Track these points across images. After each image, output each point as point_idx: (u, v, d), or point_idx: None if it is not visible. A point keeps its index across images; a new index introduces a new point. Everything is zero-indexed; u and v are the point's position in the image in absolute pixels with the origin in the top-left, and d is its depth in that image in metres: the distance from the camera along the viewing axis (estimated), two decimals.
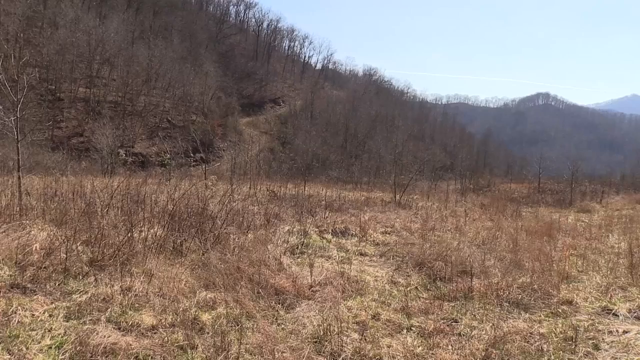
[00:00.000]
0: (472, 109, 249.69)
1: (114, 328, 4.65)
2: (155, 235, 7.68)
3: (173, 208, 8.60)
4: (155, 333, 4.66)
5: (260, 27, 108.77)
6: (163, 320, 4.89)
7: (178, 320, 4.89)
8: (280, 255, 7.81)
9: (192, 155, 56.62)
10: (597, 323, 5.86)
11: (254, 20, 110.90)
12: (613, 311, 6.38)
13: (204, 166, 39.94)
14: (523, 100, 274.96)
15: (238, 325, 4.95)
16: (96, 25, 56.87)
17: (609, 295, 7.05)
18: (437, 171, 46.04)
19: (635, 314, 6.35)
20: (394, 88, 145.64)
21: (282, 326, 5.19)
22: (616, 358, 4.84)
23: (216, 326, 4.89)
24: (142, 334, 4.64)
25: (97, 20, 58.96)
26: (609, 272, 8.61)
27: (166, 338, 4.52)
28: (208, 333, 4.78)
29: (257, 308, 5.53)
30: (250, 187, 18.55)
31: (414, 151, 63.70)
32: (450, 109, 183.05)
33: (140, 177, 15.87)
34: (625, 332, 5.55)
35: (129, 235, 7.02)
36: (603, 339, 5.38)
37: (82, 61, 55.32)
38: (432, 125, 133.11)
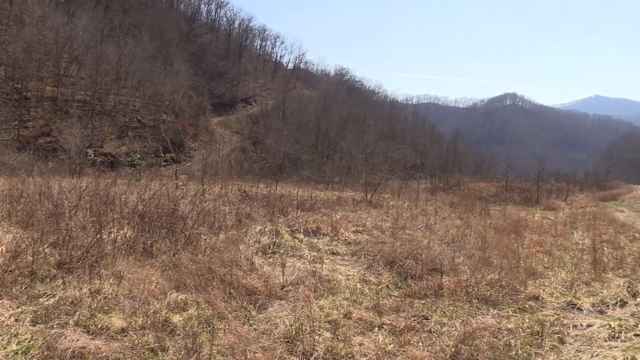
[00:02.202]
0: (442, 109, 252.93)
1: (82, 332, 4.58)
2: (125, 237, 7.58)
3: (143, 209, 8.49)
4: (125, 336, 4.60)
5: (231, 27, 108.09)
6: (133, 323, 4.83)
7: (148, 322, 4.84)
8: (252, 256, 7.79)
9: (162, 155, 55.83)
10: (563, 317, 6.02)
11: (225, 19, 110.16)
12: (577, 306, 6.58)
13: (174, 166, 39.51)
14: (491, 100, 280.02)
15: (209, 327, 4.93)
16: (64, 22, 55.44)
17: (574, 290, 7.27)
18: (408, 170, 46.57)
19: (599, 308, 6.56)
20: (365, 88, 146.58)
21: (254, 326, 5.19)
22: (580, 351, 4.98)
23: (187, 328, 4.86)
24: (112, 337, 4.57)
25: (65, 18, 57.46)
26: (573, 267, 8.86)
27: (136, 341, 4.47)
28: (179, 335, 4.74)
29: (228, 309, 5.51)
30: (221, 187, 18.40)
31: (385, 150, 64.02)
32: (421, 109, 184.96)
33: (110, 178, 15.62)
34: (589, 325, 5.73)
35: (98, 236, 6.91)
36: (568, 332, 5.54)
37: (50, 59, 53.96)
38: (403, 125, 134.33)
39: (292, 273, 7.07)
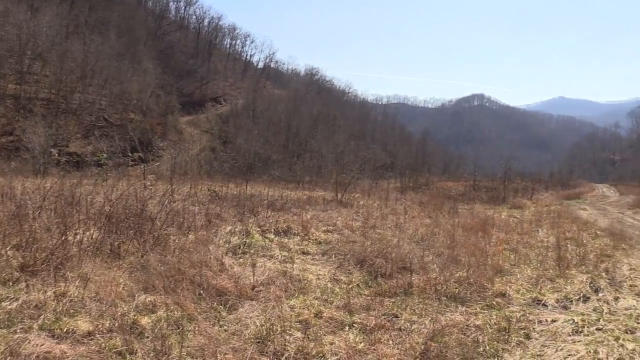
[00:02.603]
0: (411, 109, 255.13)
1: (47, 336, 4.47)
2: (92, 238, 7.43)
3: (110, 209, 8.33)
4: (91, 339, 4.51)
5: (200, 25, 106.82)
6: (100, 326, 4.74)
7: (116, 325, 4.75)
8: (222, 256, 7.73)
9: (130, 154, 54.78)
10: (528, 313, 6.16)
11: (194, 17, 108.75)
12: (542, 302, 6.76)
13: (142, 166, 38.85)
14: (459, 101, 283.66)
15: (179, 328, 4.87)
16: (27, 18, 53.91)
17: (539, 287, 7.46)
18: (378, 170, 46.88)
19: (562, 303, 6.74)
20: (335, 88, 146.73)
21: (225, 327, 5.15)
22: (545, 346, 5.11)
23: (156, 330, 4.78)
24: (78, 340, 4.48)
25: (29, 14, 55.87)
26: (538, 264, 9.08)
27: (103, 344, 4.39)
28: (148, 337, 4.67)
29: (198, 310, 5.45)
30: (190, 187, 18.19)
31: (355, 150, 64.29)
32: (390, 109, 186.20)
33: (75, 178, 15.27)
34: (553, 321, 5.88)
35: (63, 238, 6.74)
36: (533, 328, 5.67)
37: (12, 56, 52.42)
38: (373, 125, 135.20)
39: (262, 273, 7.04)
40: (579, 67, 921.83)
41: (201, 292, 5.96)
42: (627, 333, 5.44)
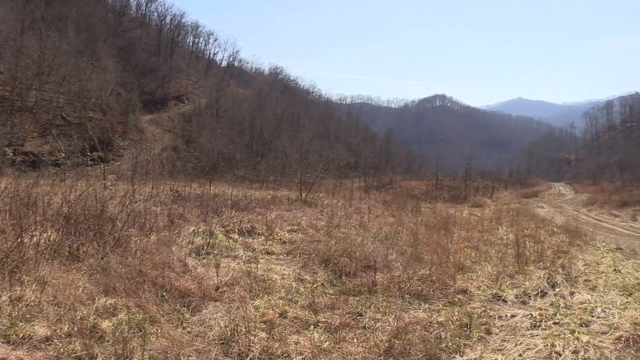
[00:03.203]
0: (375, 108, 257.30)
1: (2, 342, 4.32)
2: (49, 240, 7.20)
3: (68, 210, 8.10)
4: (49, 345, 4.38)
5: (163, 22, 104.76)
6: (58, 331, 4.60)
7: (75, 329, 4.62)
8: (185, 257, 7.63)
9: (89, 154, 53.31)
10: (489, 309, 6.31)
11: (156, 14, 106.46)
12: (502, 297, 6.93)
13: (102, 165, 37.84)
14: (422, 101, 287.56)
15: (141, 331, 4.78)
16: None
17: (499, 283, 7.65)
18: (342, 169, 47.09)
19: (521, 299, 6.94)
20: (299, 87, 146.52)
21: (188, 329, 5.08)
22: (505, 340, 5.24)
23: (117, 333, 4.68)
24: (35, 346, 4.34)
25: None
26: (498, 261, 9.30)
27: (62, 349, 4.27)
28: (108, 341, 4.56)
29: (161, 312, 5.36)
30: (153, 187, 17.87)
31: (320, 150, 64.54)
32: (354, 109, 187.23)
33: (32, 178, 14.79)
34: (513, 316, 6.04)
35: (19, 240, 6.52)
36: (494, 323, 5.81)
37: None
38: (337, 125, 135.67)
39: (226, 274, 6.99)
40: (537, 70, 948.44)
41: (164, 293, 5.86)
42: (582, 326, 5.63)
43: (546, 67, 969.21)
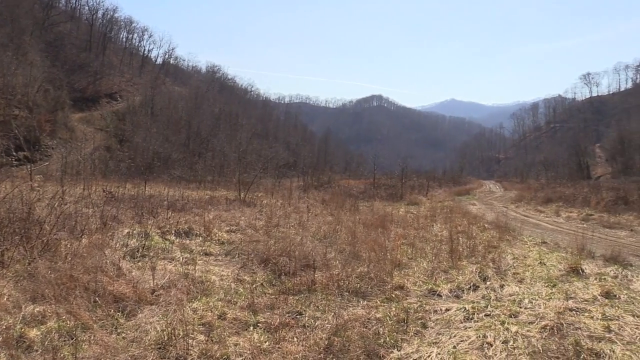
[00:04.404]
0: (313, 108, 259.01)
1: None
2: None
3: None
4: None
5: (94, 16, 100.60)
6: None
7: (0, 340, 4.39)
8: (119, 260, 7.38)
9: (14, 153, 50.62)
10: (425, 304, 6.49)
11: (87, 8, 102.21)
12: (437, 292, 7.15)
13: (29, 166, 36.00)
14: (359, 101, 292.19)
15: (72, 339, 4.59)
16: None
17: (434, 279, 7.89)
18: (281, 169, 46.98)
19: (455, 293, 7.19)
20: (237, 86, 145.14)
21: (123, 335, 4.93)
22: (440, 333, 5.41)
23: (46, 342, 4.48)
24: None
25: None
26: (433, 257, 9.58)
27: None
28: (37, 351, 4.36)
29: (93, 318, 5.17)
30: (84, 188, 17.19)
31: (258, 149, 64.10)
32: (293, 108, 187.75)
33: None
34: (447, 310, 6.24)
35: None
36: (430, 317, 5.98)
37: None
38: (276, 124, 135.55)
39: (163, 276, 6.83)
40: (470, 72, 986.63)
41: (96, 299, 5.65)
42: (511, 317, 5.90)
43: (478, 70, 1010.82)
